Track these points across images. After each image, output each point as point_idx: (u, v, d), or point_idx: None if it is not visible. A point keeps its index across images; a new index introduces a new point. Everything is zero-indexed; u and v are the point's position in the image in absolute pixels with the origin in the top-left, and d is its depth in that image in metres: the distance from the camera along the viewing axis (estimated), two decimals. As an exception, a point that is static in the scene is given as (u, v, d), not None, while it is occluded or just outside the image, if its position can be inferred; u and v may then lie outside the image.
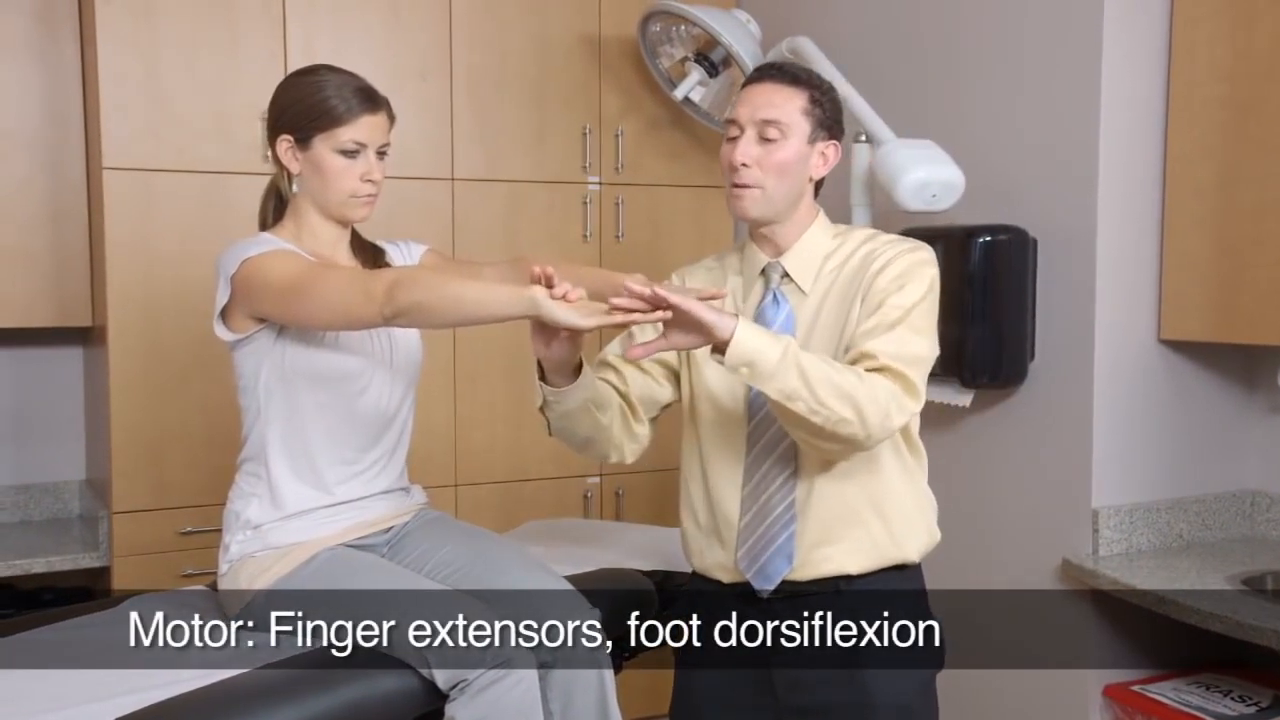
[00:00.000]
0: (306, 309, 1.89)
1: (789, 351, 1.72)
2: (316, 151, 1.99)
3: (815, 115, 1.91)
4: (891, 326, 1.83)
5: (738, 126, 1.91)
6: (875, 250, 1.92)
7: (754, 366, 1.71)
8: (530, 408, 3.26)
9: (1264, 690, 2.59)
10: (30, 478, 3.31)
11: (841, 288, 1.91)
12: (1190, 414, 2.77)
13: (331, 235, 2.06)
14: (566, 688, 1.92)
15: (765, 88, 1.90)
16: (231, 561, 1.99)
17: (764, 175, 1.89)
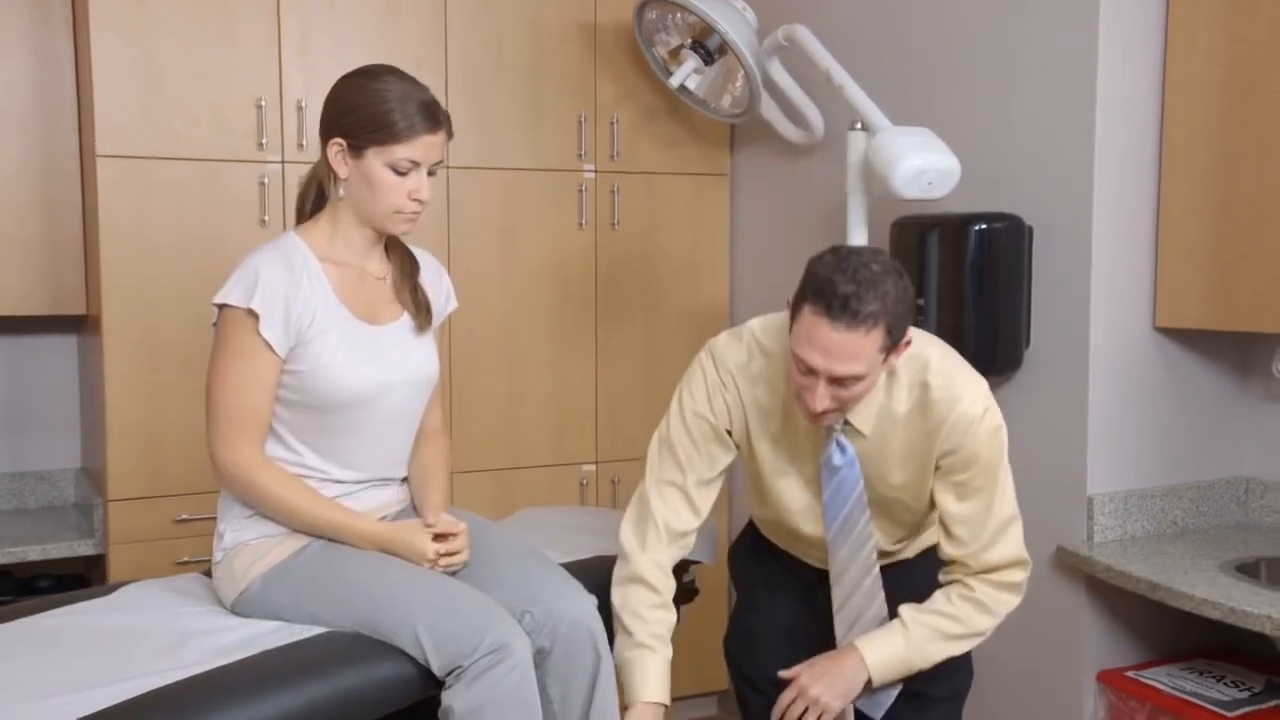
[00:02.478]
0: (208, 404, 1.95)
1: (911, 655, 1.95)
2: (369, 163, 1.95)
3: (892, 338, 1.81)
4: (994, 535, 1.94)
5: (810, 370, 1.80)
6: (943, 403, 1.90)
7: (901, 673, 1.96)
8: (527, 394, 3.29)
9: (1257, 676, 2.60)
10: (25, 465, 3.31)
11: (902, 431, 1.95)
12: (1185, 401, 2.78)
13: (366, 242, 2.04)
14: (564, 674, 1.93)
15: (841, 339, 1.75)
16: (226, 549, 1.99)
17: (844, 404, 1.87)
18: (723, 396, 1.99)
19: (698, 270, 3.69)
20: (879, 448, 1.95)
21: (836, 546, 2.01)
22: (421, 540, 1.96)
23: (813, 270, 1.80)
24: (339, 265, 2.01)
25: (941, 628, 1.95)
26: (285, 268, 1.94)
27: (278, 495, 1.94)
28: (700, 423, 2.00)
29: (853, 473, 1.96)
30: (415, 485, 2.14)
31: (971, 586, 1.94)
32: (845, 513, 1.98)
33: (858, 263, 1.76)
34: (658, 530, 2.02)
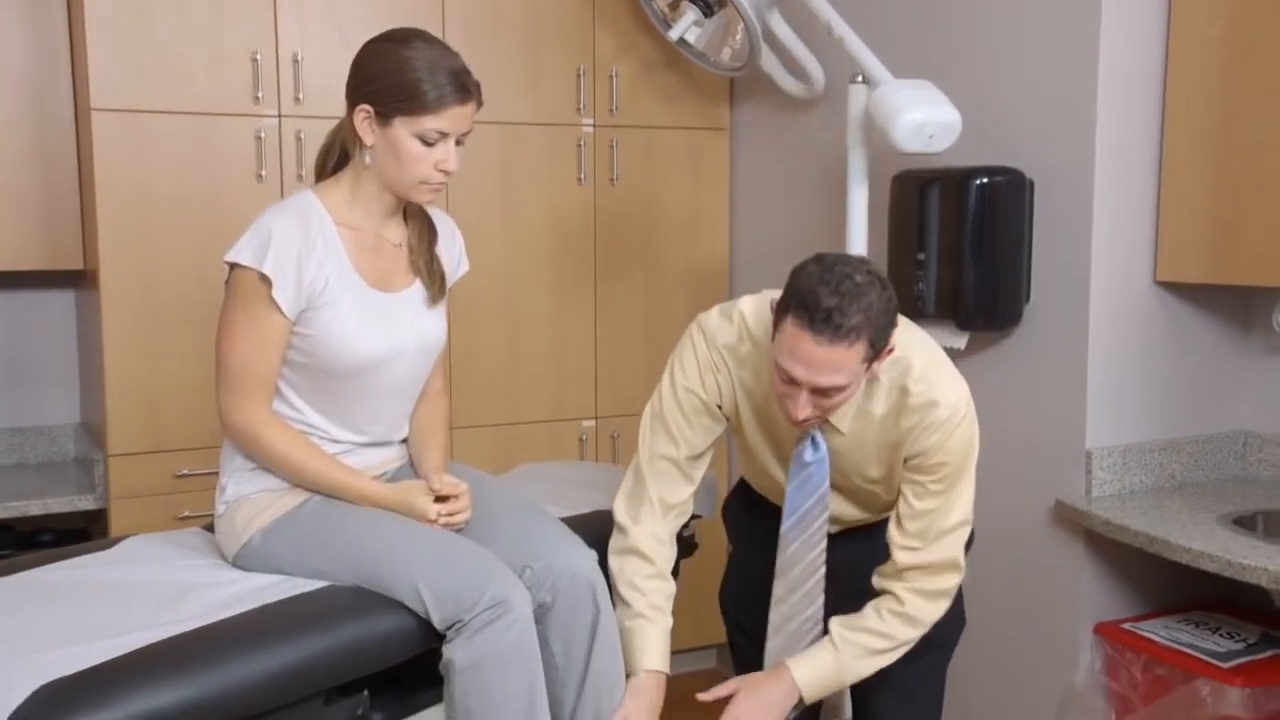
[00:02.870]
0: (217, 360, 1.95)
1: (843, 673, 1.98)
2: (396, 132, 1.90)
3: (874, 349, 1.80)
4: (939, 536, 1.94)
5: (792, 380, 1.80)
6: (921, 409, 1.90)
7: (831, 689, 2.00)
8: (526, 350, 3.28)
9: (1253, 627, 2.61)
10: (24, 421, 3.32)
11: (877, 430, 1.96)
12: (1185, 356, 2.78)
13: (386, 208, 2.01)
14: (566, 629, 1.94)
15: (824, 352, 1.74)
16: (228, 503, 2.00)
17: (826, 411, 1.87)
18: (714, 374, 2.00)
19: (697, 225, 3.68)
20: (856, 444, 1.98)
21: (788, 540, 2.03)
22: (423, 502, 1.97)
23: (796, 281, 1.78)
24: (355, 230, 1.99)
25: (870, 645, 1.98)
26: (300, 230, 1.92)
27: (283, 453, 1.95)
28: (691, 398, 2.01)
29: (820, 471, 1.98)
30: (414, 445, 2.14)
31: (902, 599, 1.96)
32: (805, 509, 2.01)
33: (841, 274, 1.75)
34: (651, 504, 2.04)
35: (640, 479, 2.05)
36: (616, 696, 1.96)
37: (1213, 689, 2.40)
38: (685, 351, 2.02)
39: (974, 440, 1.94)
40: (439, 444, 2.14)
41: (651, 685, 1.99)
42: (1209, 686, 2.41)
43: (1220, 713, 2.39)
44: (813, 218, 3.41)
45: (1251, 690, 2.37)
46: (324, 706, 1.79)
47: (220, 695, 1.59)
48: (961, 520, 1.95)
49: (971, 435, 1.93)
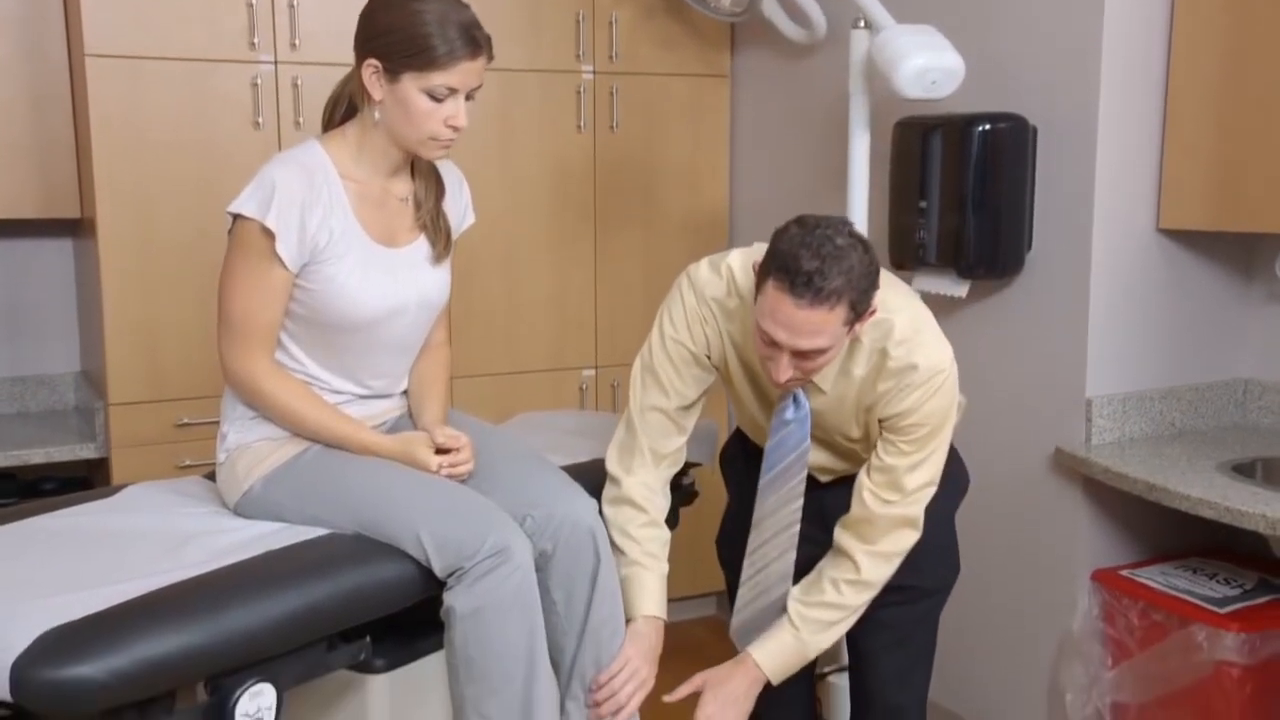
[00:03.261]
0: (219, 310, 1.94)
1: (807, 649, 2.02)
2: (404, 88, 1.87)
3: (855, 312, 1.79)
4: (905, 495, 1.95)
5: (773, 343, 1.80)
6: (898, 372, 1.90)
7: (796, 667, 2.04)
8: (526, 299, 3.27)
9: (1250, 574, 2.63)
10: (25, 370, 3.32)
11: (857, 391, 1.96)
12: (1187, 303, 2.77)
13: (394, 163, 1.99)
14: (567, 577, 1.95)
15: (804, 315, 1.74)
16: (229, 451, 2.00)
17: (809, 373, 1.87)
18: (702, 326, 2.00)
19: (697, 174, 3.65)
20: (837, 404, 1.98)
21: (765, 495, 2.05)
22: (425, 454, 1.97)
23: (777, 244, 1.78)
24: (361, 183, 1.97)
25: (828, 618, 2.00)
26: (304, 182, 1.90)
27: (285, 404, 1.94)
28: (680, 349, 2.01)
29: (800, 430, 1.99)
30: (414, 397, 2.14)
31: (859, 565, 1.97)
32: (782, 467, 2.02)
33: (822, 237, 1.75)
34: (643, 455, 2.05)
35: (632, 430, 2.06)
36: (617, 643, 1.98)
37: (1209, 634, 2.42)
38: (674, 303, 2.02)
39: (952, 405, 1.94)
40: (439, 396, 2.14)
41: (650, 631, 2.01)
42: (1205, 632, 2.42)
43: (1216, 657, 2.41)
44: (814, 166, 3.39)
45: (1247, 635, 2.39)
46: (326, 652, 1.81)
47: (223, 641, 1.60)
48: (928, 481, 1.96)
49: (949, 401, 1.93)
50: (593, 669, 1.96)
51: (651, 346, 2.04)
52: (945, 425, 1.94)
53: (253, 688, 1.66)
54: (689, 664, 3.28)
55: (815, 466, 2.09)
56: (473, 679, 1.82)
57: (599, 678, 1.95)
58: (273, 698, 1.68)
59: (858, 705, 2.19)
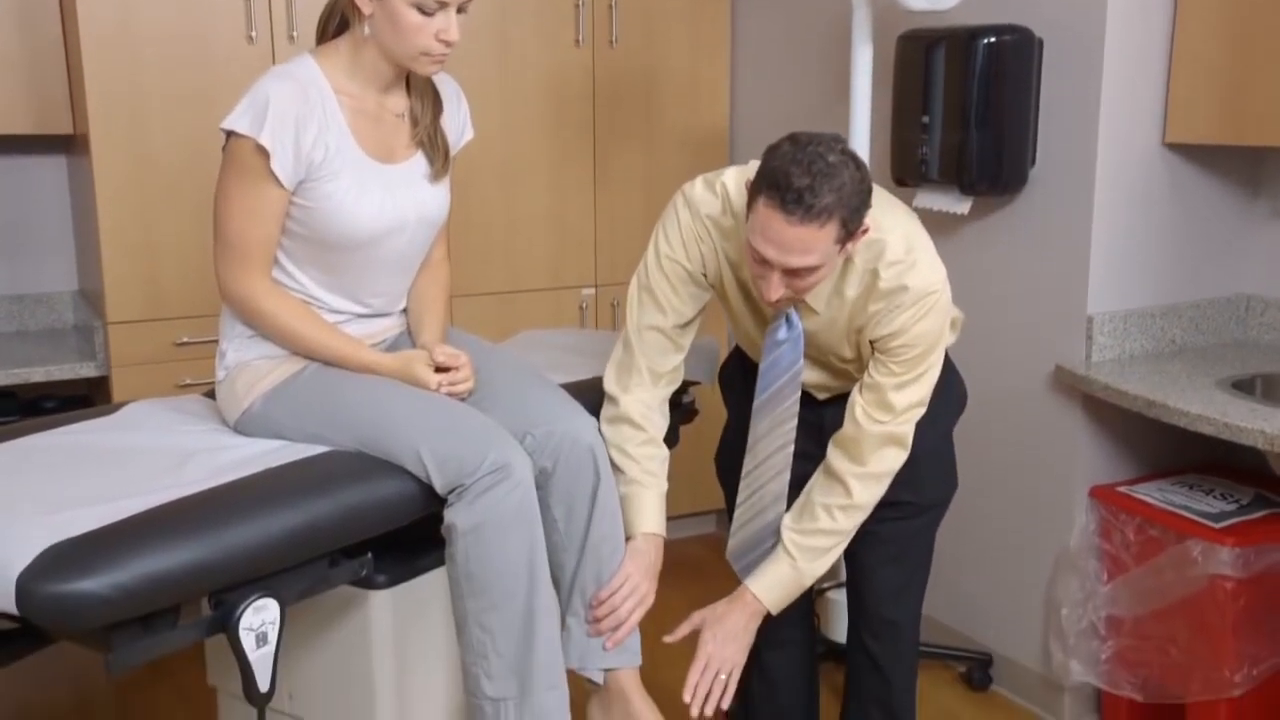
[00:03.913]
0: (215, 229, 1.91)
1: (803, 577, 2.02)
2: (393, 2, 1.84)
3: (847, 229, 1.77)
4: (895, 414, 1.94)
5: (765, 261, 1.79)
6: (889, 294, 1.88)
7: (794, 595, 2.04)
8: (525, 217, 3.25)
9: (1246, 489, 2.64)
10: (23, 288, 3.31)
11: (850, 312, 1.94)
12: (1191, 219, 2.75)
13: (388, 78, 1.96)
14: (567, 494, 1.96)
15: (795, 232, 1.73)
16: (228, 368, 2.00)
17: (800, 292, 1.85)
18: (697, 245, 1.99)
19: (698, 90, 3.60)
20: (829, 325, 1.97)
21: (759, 417, 2.05)
22: (424, 372, 1.96)
23: (769, 161, 1.77)
24: (356, 98, 1.94)
25: (823, 545, 2.01)
26: (298, 98, 1.86)
27: (284, 324, 1.94)
28: (676, 267, 2.00)
29: (793, 351, 1.98)
30: (413, 315, 2.13)
31: (850, 490, 1.98)
32: (776, 388, 2.01)
33: (814, 153, 1.73)
34: (641, 374, 2.05)
35: (629, 349, 2.05)
36: (617, 560, 1.99)
37: (1204, 549, 2.44)
38: (670, 221, 2.01)
39: (943, 327, 1.93)
40: (438, 314, 2.13)
41: (649, 548, 2.03)
42: (1200, 547, 2.44)
43: (1210, 571, 2.43)
44: (815, 81, 3.34)
45: (1242, 550, 2.41)
46: (329, 568, 1.82)
47: (225, 557, 1.61)
48: (918, 402, 1.95)
49: (939, 323, 1.92)
50: (593, 585, 1.98)
51: (648, 265, 2.03)
52: (936, 347, 1.94)
53: (256, 602, 1.67)
54: (689, 581, 3.31)
55: (812, 385, 2.09)
56: (474, 594, 1.84)
57: (599, 594, 1.97)
58: (276, 612, 1.70)
59: (855, 619, 2.21)
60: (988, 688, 2.98)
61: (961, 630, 3.07)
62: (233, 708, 2.11)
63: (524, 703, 1.84)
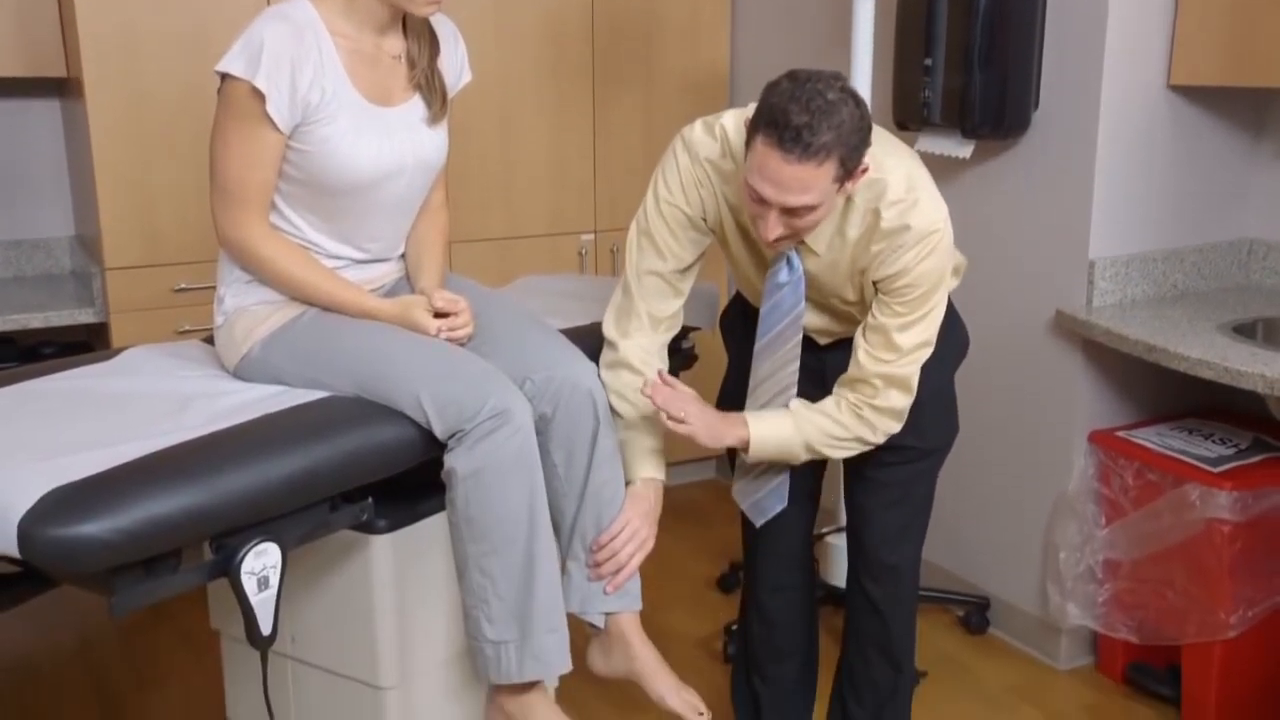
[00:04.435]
0: (211, 174, 1.90)
1: (796, 442, 1.98)
2: None
3: (845, 168, 1.75)
4: (899, 355, 1.93)
5: (762, 200, 1.77)
6: (891, 234, 1.86)
7: (774, 456, 2.01)
8: (523, 162, 3.22)
9: (1245, 433, 2.65)
10: (19, 233, 3.29)
11: (851, 253, 1.93)
12: (1195, 162, 2.73)
13: (384, 19, 1.93)
14: (567, 439, 1.95)
15: (792, 171, 1.71)
16: (226, 314, 1.99)
17: (798, 232, 1.83)
18: (697, 189, 1.97)
19: (698, 32, 3.56)
20: (831, 267, 1.96)
21: (760, 359, 2.04)
22: (423, 317, 1.95)
23: (767, 98, 1.75)
24: (352, 40, 1.91)
25: (828, 429, 1.99)
26: (294, 40, 1.84)
27: (282, 269, 1.92)
28: (675, 211, 1.99)
29: (794, 293, 1.97)
30: (411, 260, 2.12)
31: (860, 407, 1.97)
32: (777, 331, 2.01)
33: (813, 90, 1.71)
34: (640, 320, 2.04)
35: (628, 294, 2.04)
36: (617, 505, 2.00)
37: (1202, 493, 2.45)
38: (669, 165, 1.99)
39: (945, 266, 1.92)
40: (437, 259, 2.12)
41: (649, 493, 2.03)
42: (1198, 491, 2.45)
43: (1207, 515, 2.44)
44: (817, 23, 3.30)
45: (1239, 493, 2.42)
46: (330, 513, 1.83)
47: (225, 501, 1.61)
48: (923, 342, 1.95)
49: (943, 262, 1.91)
50: (593, 530, 1.99)
51: (647, 210, 2.02)
52: (940, 286, 1.93)
53: (257, 547, 1.68)
54: (690, 526, 3.33)
55: (813, 329, 2.08)
56: (475, 539, 1.85)
57: (599, 539, 1.98)
58: (277, 556, 1.71)
59: (854, 564, 2.22)
60: (985, 631, 3.00)
61: (960, 574, 3.09)
62: (236, 651, 2.12)
63: (524, 646, 1.86)
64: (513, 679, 1.86)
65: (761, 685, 2.32)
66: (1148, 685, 2.70)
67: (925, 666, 2.80)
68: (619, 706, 2.64)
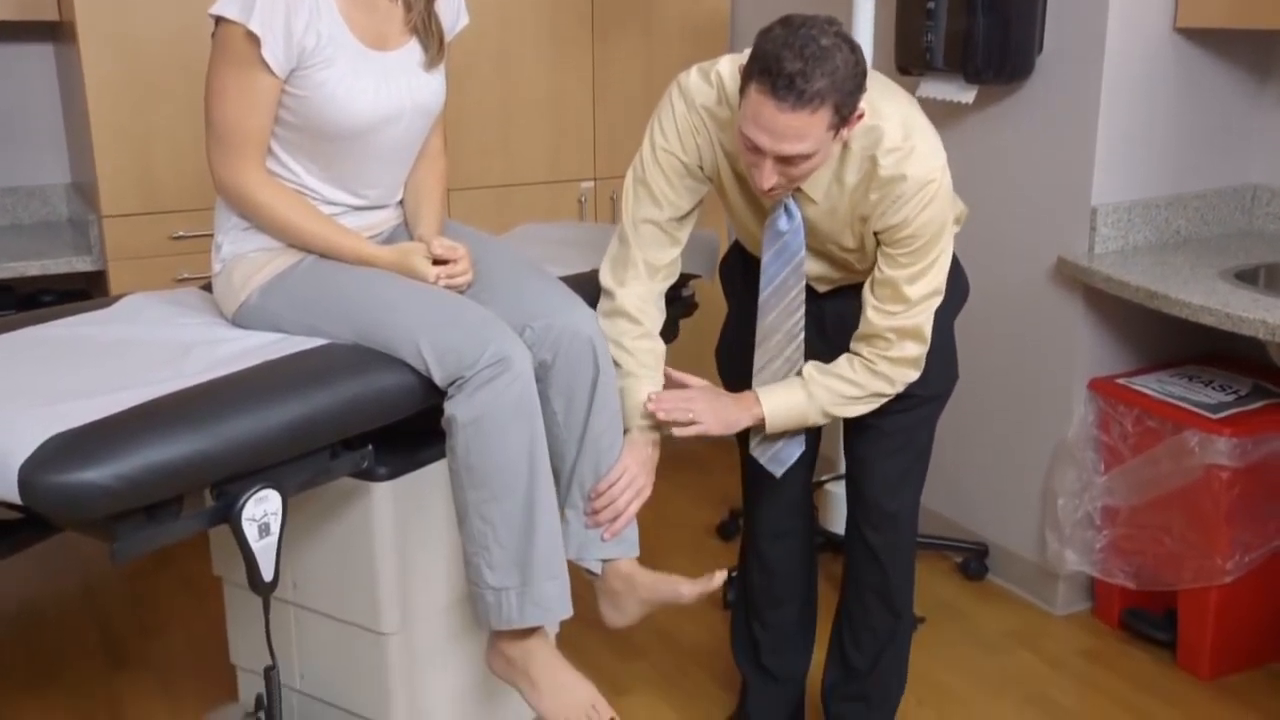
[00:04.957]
0: (206, 119, 1.87)
1: (811, 408, 1.99)
2: None
3: (840, 115, 1.73)
4: (909, 306, 1.92)
5: (756, 149, 1.75)
6: (888, 182, 1.84)
7: (796, 424, 2.02)
8: (521, 108, 3.19)
9: (1245, 379, 2.65)
10: (14, 180, 3.27)
11: (849, 200, 1.91)
12: (1199, 107, 2.71)
13: None
14: (566, 387, 1.95)
15: (786, 119, 1.69)
16: (224, 261, 1.98)
17: (793, 180, 1.82)
18: (693, 137, 1.95)
19: (698, -26, 3.52)
20: (829, 214, 1.94)
21: (766, 310, 2.03)
22: (422, 264, 1.94)
23: (760, 45, 1.72)
24: None
25: (842, 391, 1.99)
26: None
27: (280, 215, 1.91)
28: (671, 159, 1.97)
29: (795, 240, 1.96)
30: (409, 206, 2.10)
31: (874, 361, 1.97)
32: (781, 279, 2.00)
33: (806, 36, 1.69)
34: (637, 268, 2.03)
35: (625, 243, 2.03)
36: (615, 453, 2.00)
37: (1201, 439, 2.45)
38: (665, 113, 1.98)
39: (946, 214, 1.91)
40: (436, 205, 2.10)
41: (646, 441, 2.04)
42: (1197, 437, 2.46)
43: (1206, 461, 2.45)
44: (819, -35, 3.26)
45: (1238, 440, 2.43)
46: (330, 460, 1.83)
47: (226, 448, 1.61)
48: (932, 291, 1.94)
49: (942, 210, 1.89)
50: (591, 478, 1.99)
51: (643, 157, 2.00)
52: (942, 234, 1.92)
53: (258, 493, 1.68)
54: (689, 474, 3.35)
55: (812, 277, 2.07)
56: (475, 486, 1.85)
57: (597, 486, 1.98)
58: (278, 503, 1.71)
59: (853, 511, 2.23)
60: (984, 577, 3.02)
61: (959, 521, 3.10)
62: (238, 596, 2.14)
63: (525, 592, 1.87)
64: (514, 625, 1.88)
65: (761, 631, 2.34)
66: (1143, 630, 2.72)
67: (924, 612, 2.82)
68: (619, 652, 2.66)
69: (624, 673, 2.61)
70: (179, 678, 2.64)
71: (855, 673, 2.27)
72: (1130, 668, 2.66)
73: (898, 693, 2.30)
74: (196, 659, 2.70)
